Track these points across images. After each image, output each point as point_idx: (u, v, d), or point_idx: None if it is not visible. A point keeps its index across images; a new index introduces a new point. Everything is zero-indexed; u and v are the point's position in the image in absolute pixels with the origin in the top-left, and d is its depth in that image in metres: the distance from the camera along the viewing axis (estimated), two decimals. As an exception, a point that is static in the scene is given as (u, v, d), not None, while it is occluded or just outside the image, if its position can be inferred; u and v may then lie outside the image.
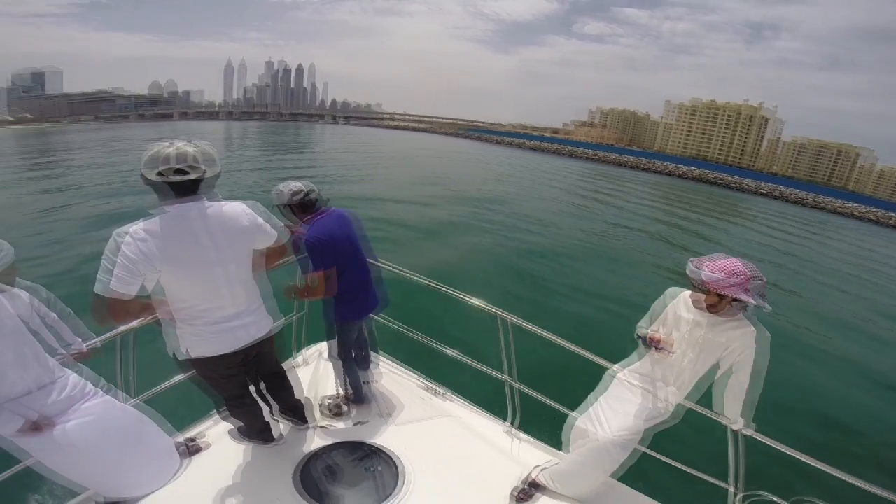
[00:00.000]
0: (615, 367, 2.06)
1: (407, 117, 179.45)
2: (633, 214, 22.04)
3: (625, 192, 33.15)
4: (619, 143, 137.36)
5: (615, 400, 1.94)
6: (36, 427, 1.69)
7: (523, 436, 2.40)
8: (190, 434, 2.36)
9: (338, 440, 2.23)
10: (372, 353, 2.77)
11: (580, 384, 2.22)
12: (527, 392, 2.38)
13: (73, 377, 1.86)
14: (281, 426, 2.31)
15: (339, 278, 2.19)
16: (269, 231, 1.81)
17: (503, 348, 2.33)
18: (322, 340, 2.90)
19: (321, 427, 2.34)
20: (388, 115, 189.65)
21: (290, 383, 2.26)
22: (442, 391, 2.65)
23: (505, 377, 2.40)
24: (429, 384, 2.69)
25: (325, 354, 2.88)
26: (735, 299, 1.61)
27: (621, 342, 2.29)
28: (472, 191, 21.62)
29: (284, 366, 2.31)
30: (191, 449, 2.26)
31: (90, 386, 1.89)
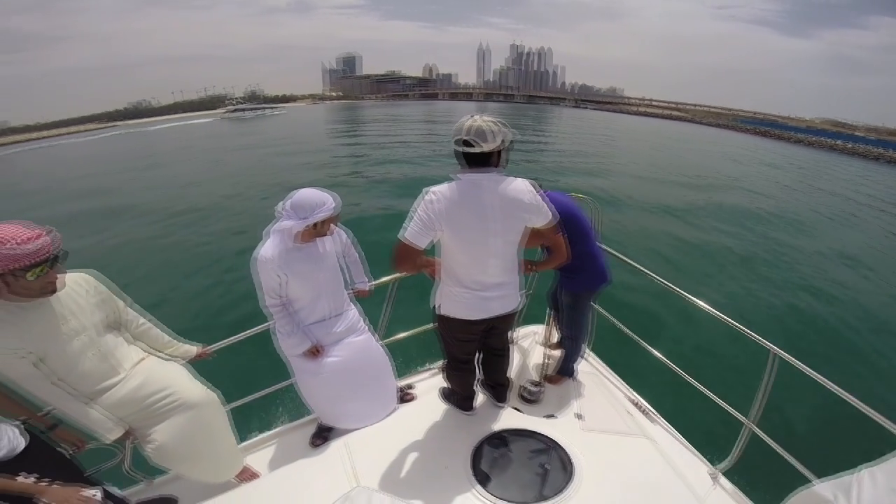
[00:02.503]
0: None
1: (655, 103, 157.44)
2: None
3: None
4: None
5: (893, 475, 1.48)
6: (315, 351, 2.09)
7: (728, 484, 2.03)
8: (406, 382, 2.61)
9: (523, 427, 2.18)
10: (584, 348, 2.66)
11: (845, 449, 2.03)
12: (766, 442, 1.93)
13: (353, 312, 2.25)
14: (480, 398, 2.35)
15: (572, 249, 2.09)
16: (545, 211, 1.78)
17: (763, 387, 1.90)
18: (534, 324, 2.98)
19: (514, 409, 2.33)
20: (637, 101, 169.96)
21: (507, 361, 2.29)
22: (647, 409, 2.36)
23: (746, 419, 1.97)
24: (636, 398, 2.42)
25: (539, 338, 2.89)
26: None
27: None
28: (759, 205, 15.62)
29: None
30: (404, 396, 2.49)
31: (362, 322, 2.27)
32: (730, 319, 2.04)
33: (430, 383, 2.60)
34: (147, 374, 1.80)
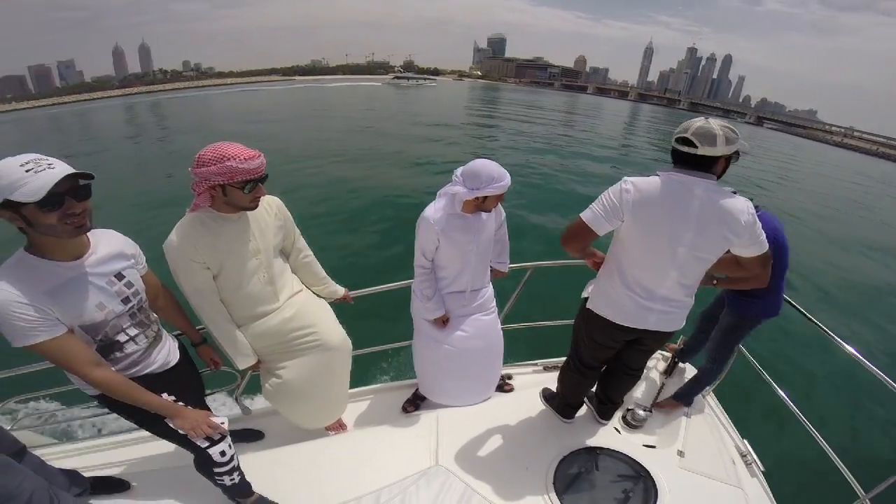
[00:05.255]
0: None
1: (865, 136, 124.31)
2: None
3: None
4: None
5: None
6: (444, 321, 2.09)
7: None
8: (508, 371, 2.55)
9: (618, 449, 2.05)
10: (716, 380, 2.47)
11: None
12: None
13: (489, 290, 2.21)
14: (583, 410, 2.24)
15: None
16: (760, 241, 1.56)
17: None
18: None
19: (614, 428, 2.19)
20: (838, 129, 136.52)
21: (635, 383, 2.11)
22: (753, 461, 2.13)
23: (864, 493, 1.78)
24: (746, 448, 2.18)
25: (660, 363, 2.71)
26: None
27: None
28: None
29: None
30: (503, 386, 2.45)
31: (493, 302, 2.21)
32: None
33: (529, 379, 2.56)
34: (299, 307, 1.85)
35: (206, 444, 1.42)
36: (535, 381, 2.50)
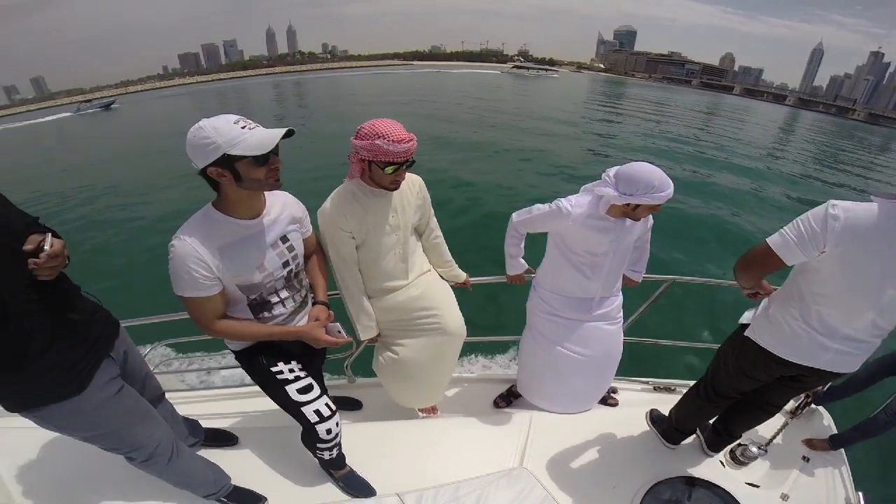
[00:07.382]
0: None
1: None
2: None
3: None
4: None
5: None
6: (520, 279, 2.12)
7: None
8: (614, 385, 2.41)
9: (714, 482, 1.89)
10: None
11: None
12: None
13: (619, 299, 2.08)
14: (691, 439, 2.06)
15: None
16: None
17: None
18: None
19: (718, 461, 2.02)
20: None
21: (766, 419, 1.89)
22: None
23: None
24: (858, 498, 1.94)
25: (793, 403, 2.38)
26: None
27: None
28: None
29: None
30: (607, 399, 2.33)
31: (620, 313, 2.10)
32: None
33: (635, 396, 2.43)
34: (426, 287, 1.88)
35: (316, 419, 1.46)
36: (641, 399, 2.38)
